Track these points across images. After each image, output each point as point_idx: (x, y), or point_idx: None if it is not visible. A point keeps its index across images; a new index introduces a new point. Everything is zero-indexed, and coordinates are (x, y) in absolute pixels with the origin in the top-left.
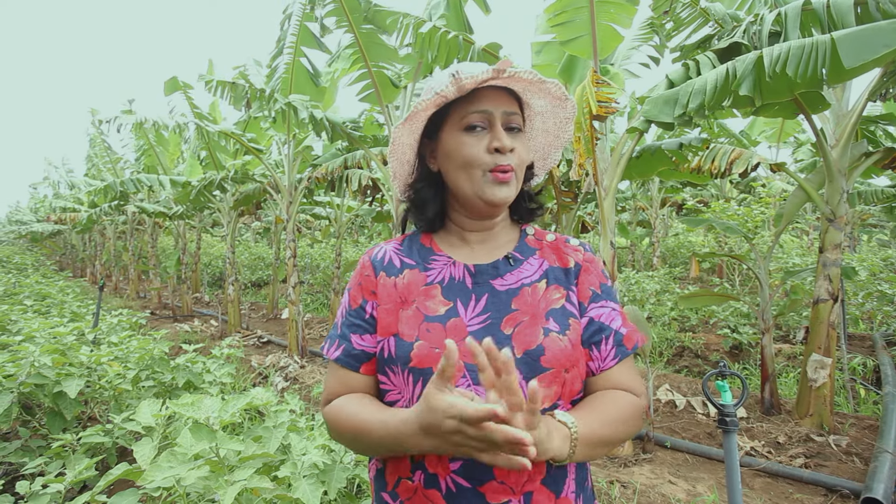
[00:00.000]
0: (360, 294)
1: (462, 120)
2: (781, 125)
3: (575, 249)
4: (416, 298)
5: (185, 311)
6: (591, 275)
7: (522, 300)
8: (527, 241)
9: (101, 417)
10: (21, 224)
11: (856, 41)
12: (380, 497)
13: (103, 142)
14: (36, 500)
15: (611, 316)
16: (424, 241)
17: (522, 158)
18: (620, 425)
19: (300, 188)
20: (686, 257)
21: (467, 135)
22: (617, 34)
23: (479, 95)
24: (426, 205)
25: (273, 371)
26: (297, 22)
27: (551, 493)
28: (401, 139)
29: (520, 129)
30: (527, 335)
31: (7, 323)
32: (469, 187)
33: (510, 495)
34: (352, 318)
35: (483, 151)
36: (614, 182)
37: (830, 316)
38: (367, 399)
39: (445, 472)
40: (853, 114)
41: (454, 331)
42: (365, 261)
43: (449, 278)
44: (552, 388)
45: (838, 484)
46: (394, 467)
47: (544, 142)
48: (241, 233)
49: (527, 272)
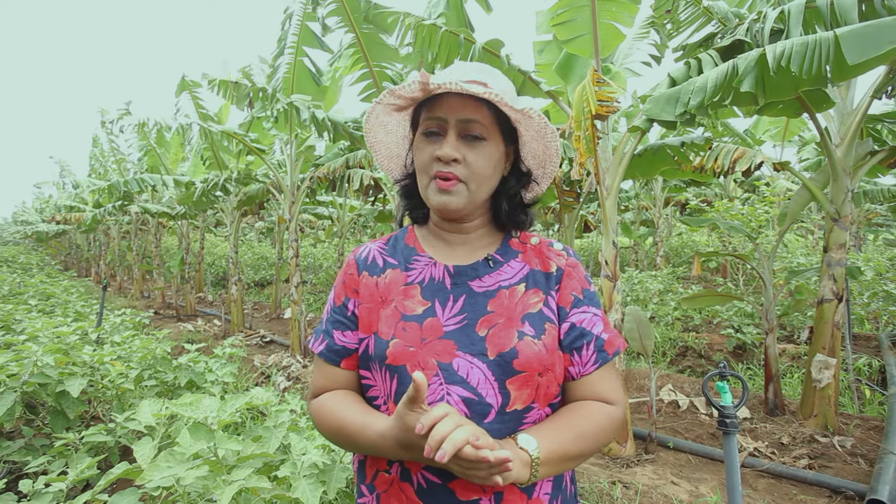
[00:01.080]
0: (343, 292)
1: (423, 124)
2: (786, 124)
3: (558, 254)
4: (396, 298)
5: (188, 311)
6: (574, 280)
7: (499, 302)
8: (510, 243)
9: (104, 416)
10: (26, 224)
11: (860, 38)
12: (359, 489)
13: (110, 142)
14: (38, 499)
15: (592, 321)
16: (409, 241)
17: (475, 169)
18: (590, 441)
19: (302, 188)
20: (690, 257)
21: (425, 140)
22: (619, 33)
23: (439, 101)
24: (411, 199)
25: (275, 371)
26: (299, 21)
27: (523, 494)
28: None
29: (482, 137)
30: (501, 337)
31: (11, 322)
32: (422, 190)
33: (480, 494)
34: (335, 315)
35: (429, 158)
36: (616, 181)
37: (835, 316)
38: (350, 397)
39: (418, 468)
40: (858, 112)
41: (430, 330)
42: (350, 260)
43: (429, 279)
44: (525, 391)
45: (843, 485)
46: (373, 460)
47: (541, 148)
48: (245, 233)
49: (506, 275)
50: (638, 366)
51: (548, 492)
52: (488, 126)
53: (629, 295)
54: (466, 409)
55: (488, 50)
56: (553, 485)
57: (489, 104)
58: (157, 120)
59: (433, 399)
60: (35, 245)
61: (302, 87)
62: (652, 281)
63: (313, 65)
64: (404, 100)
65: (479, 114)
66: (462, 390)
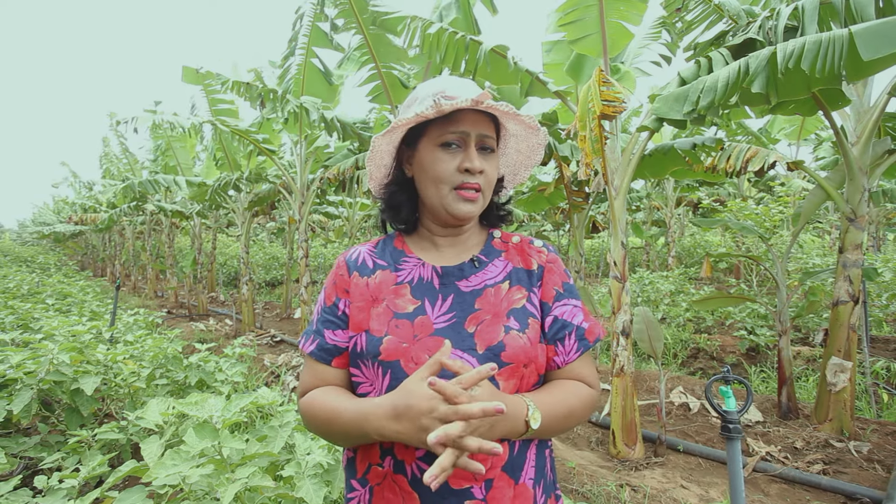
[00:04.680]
0: (334, 292)
1: (440, 136)
2: (802, 122)
3: (538, 251)
4: (387, 297)
5: (200, 311)
6: (555, 275)
7: (485, 300)
8: (493, 243)
9: (116, 414)
10: (45, 225)
11: (876, 35)
12: (349, 485)
13: (121, 143)
14: (52, 495)
15: (573, 313)
16: (397, 244)
17: (490, 178)
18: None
19: (312, 189)
20: (702, 257)
21: (443, 151)
22: (627, 32)
23: (458, 116)
24: (400, 208)
25: (285, 370)
26: (309, 22)
27: (511, 480)
28: (380, 147)
29: (492, 149)
30: (489, 332)
31: (30, 321)
32: (437, 199)
33: (472, 481)
34: (326, 315)
35: (454, 169)
36: (625, 182)
37: (851, 318)
38: (341, 390)
39: (412, 459)
40: (875, 110)
41: (421, 327)
42: (340, 261)
43: (418, 279)
44: (511, 382)
45: (858, 492)
46: (364, 455)
47: (516, 160)
48: (256, 233)
49: (491, 273)
50: (648, 368)
51: (531, 477)
52: (494, 139)
53: (640, 296)
54: None
55: (496, 52)
56: (536, 470)
57: (494, 119)
58: (171, 120)
59: None
60: (53, 245)
61: (312, 88)
62: (663, 282)
63: (323, 65)
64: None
65: (491, 129)
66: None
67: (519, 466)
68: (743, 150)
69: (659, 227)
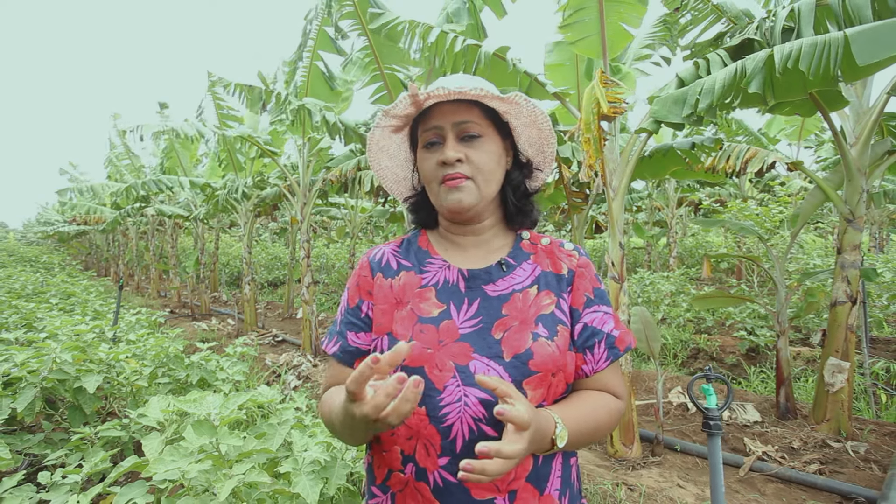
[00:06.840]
0: (357, 294)
1: (422, 138)
2: (802, 123)
3: (569, 255)
4: (411, 300)
5: (203, 310)
6: (586, 280)
7: (513, 306)
8: (521, 245)
9: (119, 412)
10: (49, 224)
11: (871, 38)
12: (370, 491)
13: (124, 145)
14: (56, 490)
15: (603, 320)
16: (422, 243)
17: (480, 163)
18: (601, 425)
19: (314, 190)
20: (703, 258)
21: (427, 151)
22: (627, 33)
23: (431, 112)
24: (419, 212)
25: (286, 369)
26: (317, 26)
27: (535, 491)
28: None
29: (479, 134)
30: (516, 340)
31: (34, 320)
32: (434, 198)
33: (495, 493)
34: (349, 317)
35: (435, 165)
36: (623, 182)
37: (849, 319)
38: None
39: (434, 467)
40: (874, 111)
41: (446, 332)
42: (363, 262)
43: (443, 281)
44: (539, 391)
45: (853, 491)
46: (383, 460)
47: (535, 134)
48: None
49: (519, 278)
50: (646, 368)
51: (557, 487)
52: (482, 124)
53: (640, 296)
54: (484, 411)
55: (496, 55)
56: (562, 481)
57: (479, 105)
58: (175, 127)
59: (451, 400)
60: (57, 245)
61: (316, 91)
62: (664, 282)
63: (327, 69)
64: (399, 119)
65: (472, 114)
66: (480, 392)
67: (544, 477)
68: (742, 150)
69: (660, 228)
